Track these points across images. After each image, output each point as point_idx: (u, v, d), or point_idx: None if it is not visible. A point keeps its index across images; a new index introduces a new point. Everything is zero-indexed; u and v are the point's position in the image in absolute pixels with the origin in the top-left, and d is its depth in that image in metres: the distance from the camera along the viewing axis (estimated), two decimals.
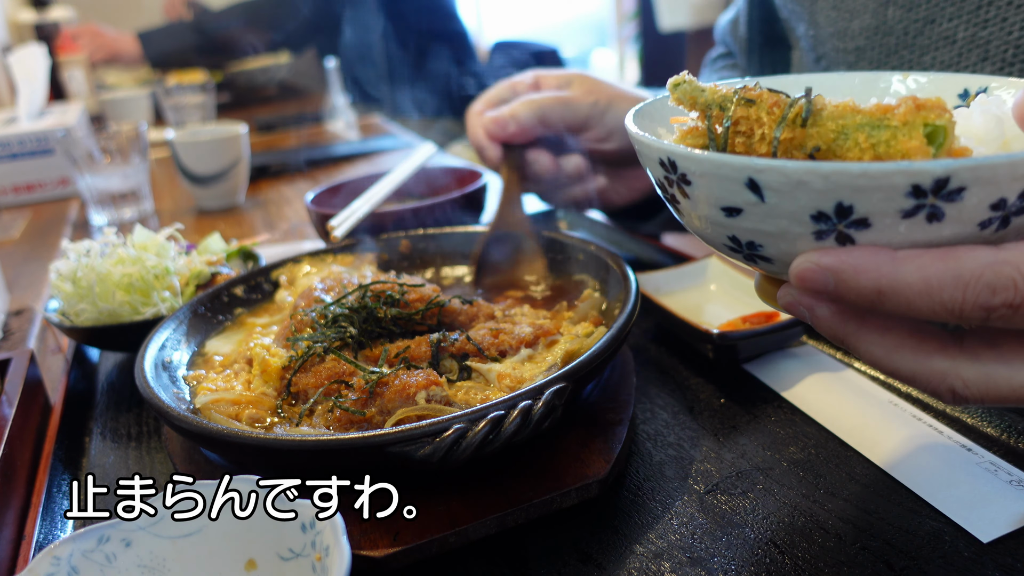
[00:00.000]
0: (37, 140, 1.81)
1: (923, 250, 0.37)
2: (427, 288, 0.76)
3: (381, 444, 0.51)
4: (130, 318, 0.83)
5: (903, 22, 0.77)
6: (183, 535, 0.48)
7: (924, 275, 0.36)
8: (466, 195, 1.04)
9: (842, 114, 0.40)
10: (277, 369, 0.67)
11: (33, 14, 3.40)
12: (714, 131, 0.44)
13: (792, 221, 0.39)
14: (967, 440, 0.61)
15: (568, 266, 0.87)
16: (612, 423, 0.63)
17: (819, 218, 0.38)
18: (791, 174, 0.37)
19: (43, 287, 1.19)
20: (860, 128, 0.39)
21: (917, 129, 0.38)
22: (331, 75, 2.35)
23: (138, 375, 0.65)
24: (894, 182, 0.35)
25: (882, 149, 0.39)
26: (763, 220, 0.40)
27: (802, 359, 0.76)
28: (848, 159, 0.40)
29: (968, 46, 0.72)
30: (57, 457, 0.70)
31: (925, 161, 0.35)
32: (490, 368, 0.65)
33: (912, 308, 0.37)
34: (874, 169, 0.35)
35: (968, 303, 0.36)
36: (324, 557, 0.44)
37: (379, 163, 1.90)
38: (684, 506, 0.57)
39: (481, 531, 0.53)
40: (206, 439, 0.57)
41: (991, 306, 0.36)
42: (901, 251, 0.37)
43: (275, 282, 0.89)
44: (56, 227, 1.60)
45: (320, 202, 1.11)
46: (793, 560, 0.51)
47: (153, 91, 2.79)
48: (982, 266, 0.36)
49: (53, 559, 0.45)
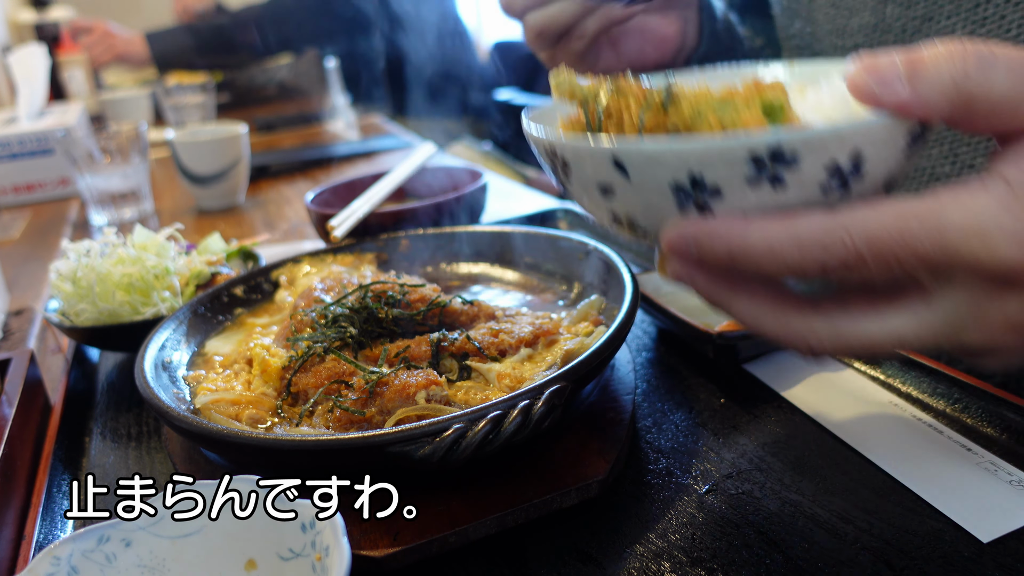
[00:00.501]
0: (37, 140, 1.81)
1: (770, 216, 0.40)
2: (428, 288, 0.76)
3: (381, 444, 0.51)
4: (130, 318, 0.83)
5: (901, 20, 0.76)
6: (183, 535, 0.48)
7: (766, 237, 0.40)
8: (466, 195, 1.04)
9: (698, 98, 0.45)
10: (277, 369, 0.67)
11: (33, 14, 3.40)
12: (590, 119, 0.49)
13: (656, 194, 0.42)
14: (967, 440, 0.61)
15: (568, 266, 0.87)
16: (612, 423, 0.63)
17: (678, 190, 0.41)
18: (645, 150, 0.41)
19: (43, 287, 1.19)
20: (710, 108, 0.44)
21: (755, 105, 0.44)
22: (331, 75, 2.35)
23: (138, 375, 0.65)
24: (734, 152, 0.39)
25: (728, 124, 0.43)
26: (633, 196, 0.43)
27: (802, 359, 0.76)
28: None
29: None
30: (57, 457, 0.70)
31: (756, 130, 0.41)
32: (490, 368, 0.65)
33: (761, 268, 0.41)
34: (713, 140, 0.39)
35: (806, 261, 0.39)
36: (324, 557, 0.44)
37: (379, 163, 1.90)
38: (684, 506, 0.57)
39: (481, 531, 0.53)
40: (206, 439, 0.57)
41: (826, 265, 0.39)
42: (753, 218, 0.41)
43: (275, 282, 0.89)
44: (56, 227, 1.60)
45: (320, 202, 1.11)
46: (793, 560, 0.51)
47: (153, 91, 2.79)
48: (816, 228, 0.39)
49: (53, 559, 0.45)
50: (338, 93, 2.38)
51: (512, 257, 0.92)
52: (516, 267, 0.92)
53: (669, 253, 0.44)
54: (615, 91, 0.48)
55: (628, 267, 0.75)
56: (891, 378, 0.71)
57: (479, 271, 0.94)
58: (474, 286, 0.91)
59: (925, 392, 0.68)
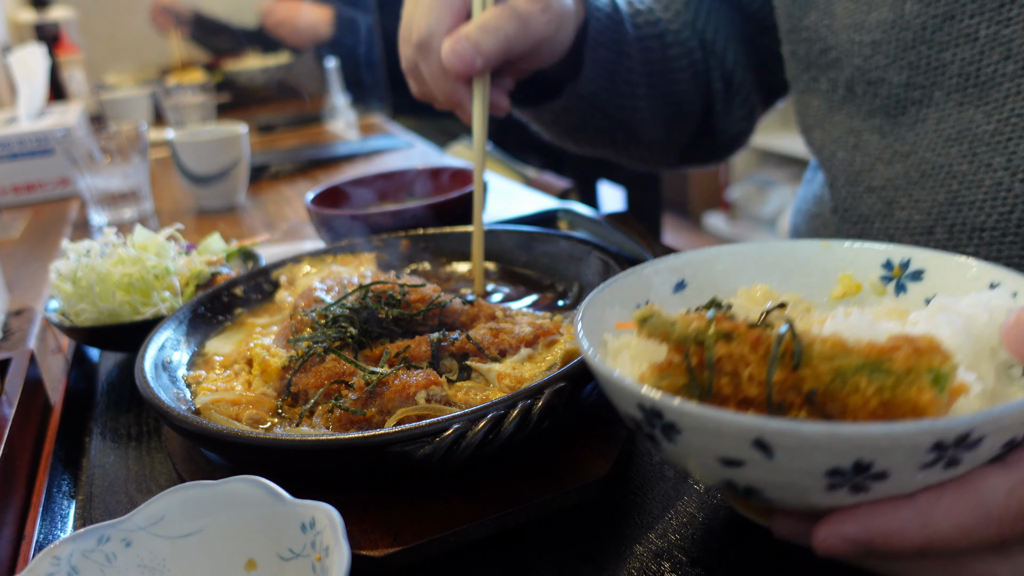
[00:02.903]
0: (37, 140, 1.81)
1: (941, 489, 0.37)
2: (428, 288, 0.76)
3: (381, 444, 0.51)
4: (130, 318, 0.83)
5: (921, 17, 0.76)
6: (183, 535, 0.48)
7: (955, 523, 0.36)
8: (466, 195, 1.04)
9: (834, 353, 0.39)
10: (277, 369, 0.67)
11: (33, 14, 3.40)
12: (695, 371, 0.42)
13: (803, 475, 0.37)
14: None
15: (568, 266, 0.87)
16: (612, 423, 0.63)
17: (834, 473, 0.36)
18: (807, 437, 0.35)
19: (43, 287, 1.19)
20: (858, 372, 0.38)
21: (923, 376, 0.37)
22: (331, 75, 2.35)
23: (138, 375, 0.65)
24: (918, 442, 0.35)
25: (887, 396, 0.38)
26: (769, 473, 0.38)
27: None
28: (851, 403, 0.39)
29: (990, 44, 0.72)
30: (57, 457, 0.70)
31: (948, 419, 0.35)
32: (490, 368, 0.65)
33: (953, 549, 0.37)
34: (897, 431, 0.34)
35: (1006, 534, 0.37)
36: (324, 557, 0.44)
37: (379, 163, 1.90)
38: (684, 506, 0.57)
39: (481, 531, 0.53)
40: (206, 439, 0.57)
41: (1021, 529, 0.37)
42: (920, 497, 0.37)
43: (275, 282, 0.89)
44: (56, 227, 1.60)
45: (320, 202, 1.11)
46: (793, 560, 0.51)
47: (153, 91, 2.79)
48: (1005, 496, 0.36)
49: (53, 559, 0.45)
50: (338, 93, 2.38)
51: (512, 257, 0.92)
52: (516, 267, 0.92)
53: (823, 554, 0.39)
54: (723, 337, 0.41)
55: (628, 267, 0.74)
56: None
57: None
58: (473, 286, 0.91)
59: None
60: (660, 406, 0.39)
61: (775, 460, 0.37)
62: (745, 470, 0.39)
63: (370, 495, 0.56)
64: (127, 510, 0.53)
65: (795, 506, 0.41)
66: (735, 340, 0.41)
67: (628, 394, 0.42)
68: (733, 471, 0.40)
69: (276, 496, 0.47)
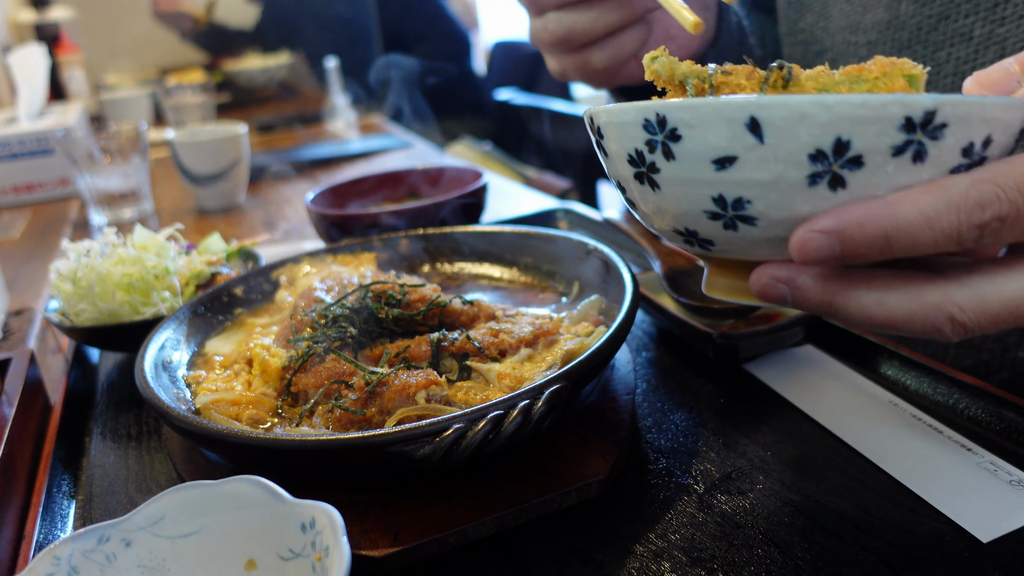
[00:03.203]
0: (37, 140, 1.81)
1: (911, 189, 0.39)
2: (428, 288, 0.76)
3: (381, 444, 0.51)
4: (130, 318, 0.83)
5: (916, 17, 0.76)
6: (183, 535, 0.48)
7: (920, 209, 0.38)
8: (466, 195, 1.04)
9: (819, 76, 0.43)
10: (277, 369, 0.67)
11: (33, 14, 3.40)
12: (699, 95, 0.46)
13: (789, 164, 0.39)
14: (967, 440, 0.61)
15: (568, 266, 0.87)
16: (612, 423, 0.63)
17: (816, 158, 0.38)
18: (795, 106, 0.38)
19: (43, 287, 1.19)
20: (840, 85, 0.42)
21: (898, 76, 0.42)
22: (331, 75, 2.35)
23: (138, 375, 0.65)
24: (891, 112, 0.37)
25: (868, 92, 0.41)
26: (758, 167, 0.40)
27: (802, 359, 0.76)
28: None
29: (985, 43, 0.72)
30: (57, 457, 0.70)
31: (917, 94, 0.38)
32: (490, 368, 0.65)
33: (916, 244, 0.38)
34: (873, 99, 0.37)
35: (963, 224, 0.38)
36: (324, 557, 0.44)
37: (379, 163, 1.90)
38: (684, 506, 0.57)
39: (481, 531, 0.53)
40: (206, 439, 0.57)
41: (983, 222, 0.38)
42: (890, 195, 0.39)
43: (275, 282, 0.89)
44: (56, 227, 1.60)
45: (320, 202, 1.11)
46: (793, 560, 0.51)
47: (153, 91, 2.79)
48: (967, 187, 0.38)
49: (53, 559, 0.45)
50: (338, 93, 2.39)
51: (512, 257, 0.92)
52: (516, 267, 0.92)
53: (800, 256, 0.40)
54: (722, 72, 0.45)
55: (628, 267, 0.74)
56: (891, 378, 0.71)
57: (479, 271, 0.94)
58: (474, 286, 0.91)
59: (925, 392, 0.68)
60: (665, 109, 0.41)
61: (766, 144, 0.39)
62: (736, 170, 0.40)
63: (370, 495, 0.56)
64: (127, 510, 0.53)
65: (778, 219, 0.41)
66: (733, 75, 0.46)
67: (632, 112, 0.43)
68: (724, 175, 0.41)
69: (276, 496, 0.47)
